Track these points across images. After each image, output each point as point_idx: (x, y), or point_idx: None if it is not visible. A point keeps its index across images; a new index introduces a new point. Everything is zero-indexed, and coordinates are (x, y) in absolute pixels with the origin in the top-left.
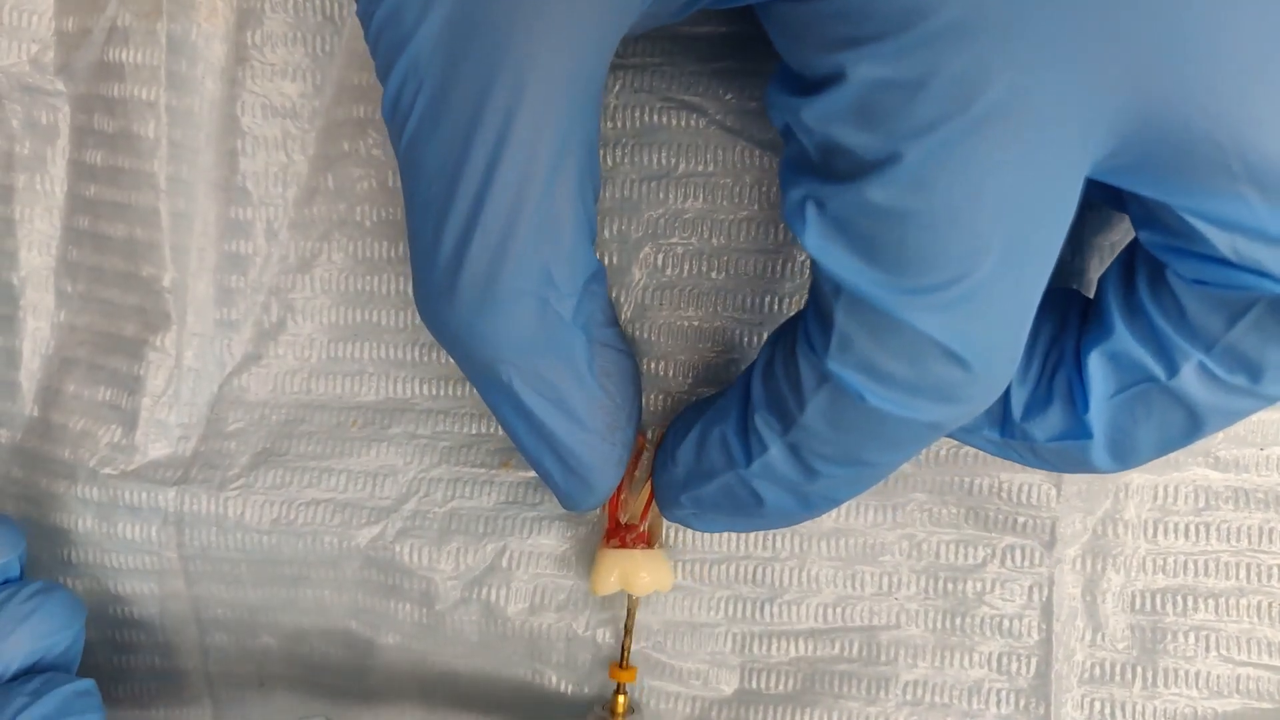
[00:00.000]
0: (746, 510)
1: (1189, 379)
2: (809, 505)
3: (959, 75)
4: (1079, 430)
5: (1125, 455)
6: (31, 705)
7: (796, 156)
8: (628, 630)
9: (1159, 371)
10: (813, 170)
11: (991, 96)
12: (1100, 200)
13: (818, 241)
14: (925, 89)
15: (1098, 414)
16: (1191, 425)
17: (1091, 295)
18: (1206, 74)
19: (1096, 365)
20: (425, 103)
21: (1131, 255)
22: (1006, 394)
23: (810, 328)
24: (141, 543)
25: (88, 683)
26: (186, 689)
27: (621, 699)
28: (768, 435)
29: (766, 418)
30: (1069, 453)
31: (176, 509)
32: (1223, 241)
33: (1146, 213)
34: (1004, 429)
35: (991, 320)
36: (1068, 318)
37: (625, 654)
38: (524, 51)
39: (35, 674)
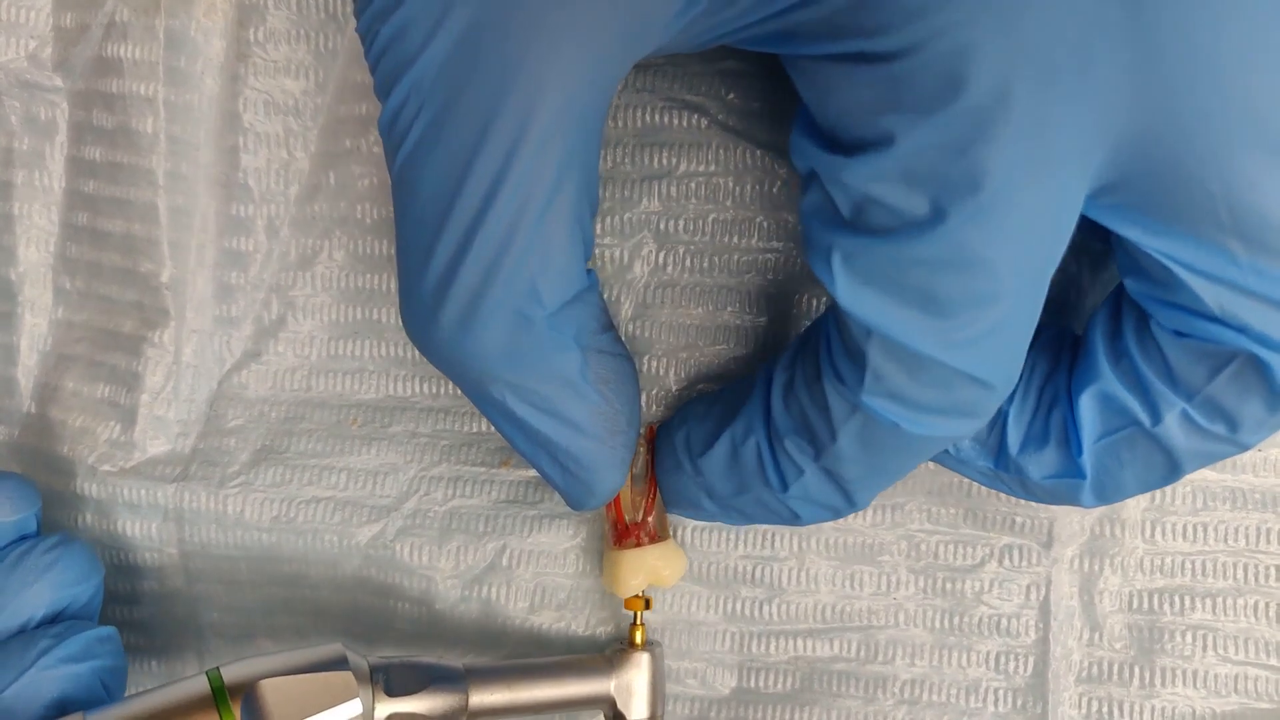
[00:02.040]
0: (781, 520)
1: (1172, 426)
2: (838, 514)
3: (1001, 138)
4: (1073, 470)
5: (1108, 494)
6: (55, 647)
7: (823, 207)
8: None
9: (1144, 418)
10: (842, 223)
11: (1024, 152)
12: (1089, 241)
13: (849, 293)
14: (969, 154)
15: (1088, 456)
16: (1171, 469)
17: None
18: (1210, 124)
19: (1087, 407)
20: (425, 124)
21: (1119, 303)
22: (1003, 428)
23: (838, 362)
24: (142, 539)
25: (109, 629)
26: None
27: (639, 629)
28: (801, 460)
29: (798, 443)
30: (1060, 490)
31: (176, 506)
32: (1206, 293)
33: (1133, 262)
34: (998, 462)
35: (1011, 344)
36: (1060, 356)
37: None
38: (532, 86)
39: (59, 622)
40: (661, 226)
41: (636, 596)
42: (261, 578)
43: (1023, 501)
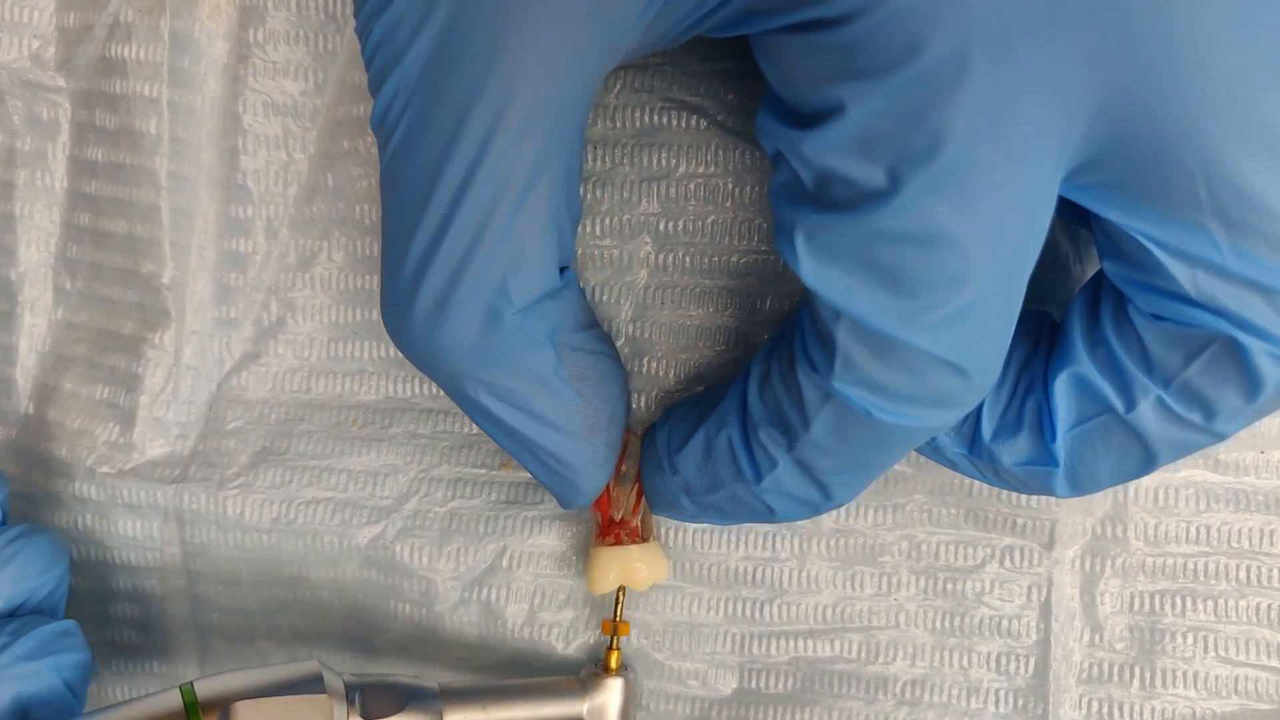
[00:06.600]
0: (757, 517)
1: (1146, 413)
2: (816, 510)
3: (957, 105)
4: (1046, 458)
5: (1082, 484)
6: (12, 644)
7: (789, 185)
8: (621, 589)
9: (1118, 404)
10: (807, 199)
11: (983, 122)
12: (1078, 227)
13: (814, 271)
14: (924, 121)
15: (1062, 444)
16: (1146, 458)
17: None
18: (1186, 102)
19: (1062, 393)
20: (409, 120)
21: (1097, 288)
22: (978, 414)
23: (810, 348)
24: (144, 539)
25: (69, 623)
26: None
27: (614, 654)
28: (775, 451)
29: (771, 434)
30: (1032, 478)
31: (176, 507)
32: (1183, 275)
33: (1112, 244)
34: (972, 448)
35: (986, 330)
36: (1039, 342)
37: (619, 607)
38: (506, 79)
39: (17, 617)
40: (661, 228)
41: (615, 621)
42: (262, 579)
43: (1024, 502)
